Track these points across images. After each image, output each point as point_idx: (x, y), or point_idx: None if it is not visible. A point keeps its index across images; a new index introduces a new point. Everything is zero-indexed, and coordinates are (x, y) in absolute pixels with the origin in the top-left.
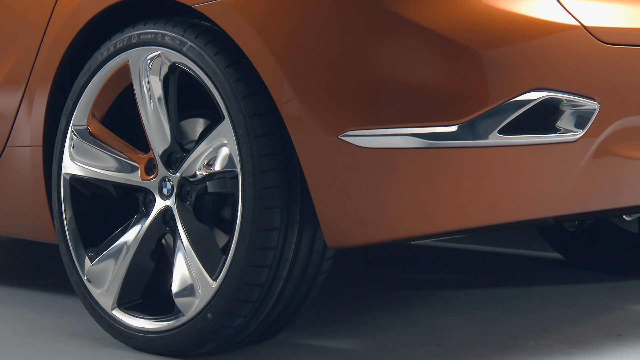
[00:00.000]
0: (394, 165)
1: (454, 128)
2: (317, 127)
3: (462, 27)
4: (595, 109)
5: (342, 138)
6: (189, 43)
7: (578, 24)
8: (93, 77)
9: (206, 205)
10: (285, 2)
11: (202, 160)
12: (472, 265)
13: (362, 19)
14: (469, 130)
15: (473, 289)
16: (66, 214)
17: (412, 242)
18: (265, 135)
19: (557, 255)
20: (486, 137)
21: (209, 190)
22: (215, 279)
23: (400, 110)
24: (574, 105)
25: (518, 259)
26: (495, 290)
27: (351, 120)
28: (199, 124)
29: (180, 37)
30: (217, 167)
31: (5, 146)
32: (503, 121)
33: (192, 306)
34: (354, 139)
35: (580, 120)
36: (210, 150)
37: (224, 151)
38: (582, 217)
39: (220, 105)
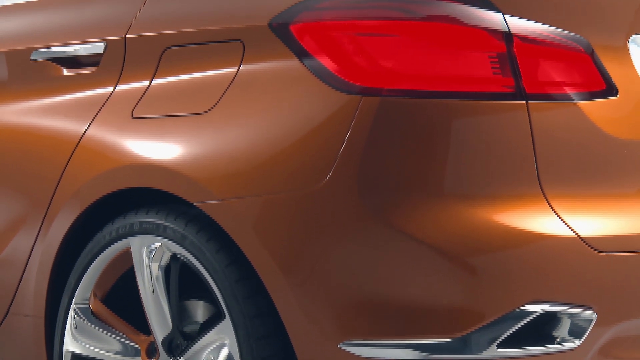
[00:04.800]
0: None
1: (450, 341)
2: (318, 334)
3: (459, 240)
4: (592, 319)
5: (342, 347)
6: (190, 238)
7: (574, 235)
8: (95, 258)
9: None
10: (286, 207)
11: (204, 356)
12: None
13: (361, 230)
14: (466, 344)
15: None
16: None
17: None
18: (266, 337)
19: None
20: (482, 351)
21: None
22: None
23: (399, 322)
24: (571, 315)
25: None
26: None
27: (351, 329)
28: (200, 307)
29: (182, 231)
30: None
31: (7, 312)
32: (500, 336)
33: None
34: (353, 349)
35: (578, 329)
36: (211, 347)
37: (225, 351)
38: None
39: (221, 303)
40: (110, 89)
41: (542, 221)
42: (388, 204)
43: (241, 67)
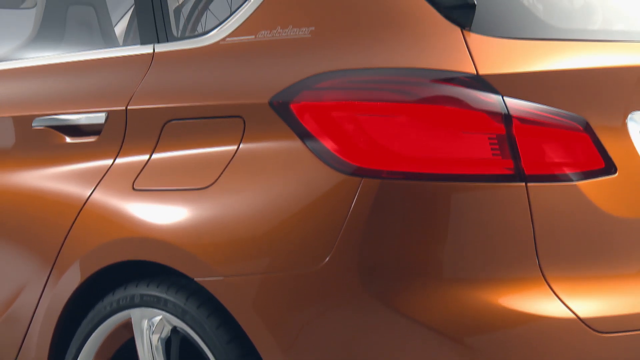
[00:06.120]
0: None
1: None
2: None
3: (458, 322)
4: None
5: None
6: (191, 313)
7: (574, 316)
8: (96, 328)
9: None
10: (285, 287)
11: None
12: None
13: (361, 313)
14: None
15: None
16: None
17: None
18: None
19: None
20: None
21: None
22: None
23: None
24: None
25: None
26: None
27: None
28: None
29: (182, 306)
30: None
31: None
32: None
33: None
34: None
35: None
36: None
37: None
38: None
39: None
40: (111, 160)
41: (542, 303)
42: (387, 287)
43: (241, 143)
